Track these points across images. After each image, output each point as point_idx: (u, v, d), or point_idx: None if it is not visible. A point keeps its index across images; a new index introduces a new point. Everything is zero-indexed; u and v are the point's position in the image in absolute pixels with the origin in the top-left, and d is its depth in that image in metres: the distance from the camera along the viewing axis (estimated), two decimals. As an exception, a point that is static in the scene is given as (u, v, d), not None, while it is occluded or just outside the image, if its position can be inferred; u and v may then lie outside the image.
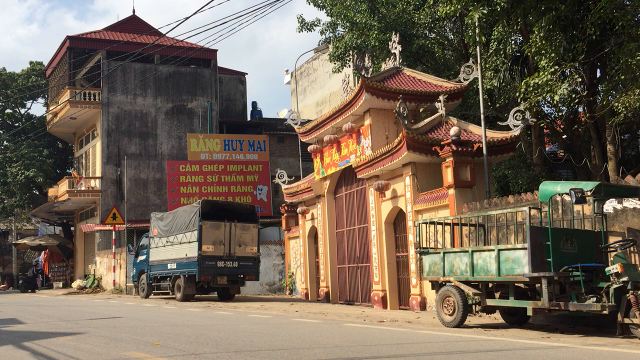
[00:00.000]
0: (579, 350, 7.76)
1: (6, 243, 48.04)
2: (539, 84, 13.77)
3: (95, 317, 13.57)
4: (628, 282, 8.73)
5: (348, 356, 7.38)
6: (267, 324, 11.73)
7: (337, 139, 18.54)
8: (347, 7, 22.09)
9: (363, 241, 17.98)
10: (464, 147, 13.99)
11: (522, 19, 16.50)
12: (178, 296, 20.21)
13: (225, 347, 7.93)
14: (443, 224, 12.39)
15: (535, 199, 11.48)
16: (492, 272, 10.25)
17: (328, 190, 19.96)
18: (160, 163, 32.67)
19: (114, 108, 32.42)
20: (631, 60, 13.03)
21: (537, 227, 9.99)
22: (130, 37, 32.92)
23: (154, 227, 22.38)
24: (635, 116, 17.33)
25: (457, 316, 10.73)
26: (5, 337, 9.73)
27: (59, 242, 37.91)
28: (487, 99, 18.26)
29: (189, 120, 33.64)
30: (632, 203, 10.08)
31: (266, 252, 24.88)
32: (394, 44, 18.12)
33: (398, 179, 15.91)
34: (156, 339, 8.87)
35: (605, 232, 10.22)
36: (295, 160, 33.48)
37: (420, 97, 16.74)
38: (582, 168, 19.20)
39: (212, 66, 34.62)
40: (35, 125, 38.85)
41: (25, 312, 15.62)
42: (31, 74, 39.36)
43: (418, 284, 14.88)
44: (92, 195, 32.06)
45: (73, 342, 8.80)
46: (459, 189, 13.97)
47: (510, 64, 18.88)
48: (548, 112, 21.64)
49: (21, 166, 35.62)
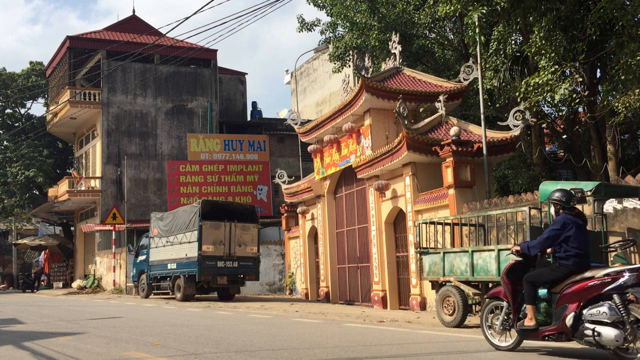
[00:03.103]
0: (579, 350, 7.76)
1: (6, 243, 48.04)
2: (539, 83, 13.77)
3: (95, 317, 13.57)
4: (628, 282, 8.71)
5: (348, 356, 7.38)
6: (267, 324, 11.73)
7: (337, 139, 18.54)
8: (347, 7, 22.09)
9: (363, 241, 17.98)
10: (464, 147, 13.99)
11: (522, 19, 16.49)
12: (178, 296, 20.21)
13: (225, 347, 7.93)
14: (443, 224, 12.39)
15: (535, 199, 11.48)
16: (492, 272, 10.25)
17: (328, 190, 19.96)
18: (160, 163, 32.67)
19: (114, 108, 32.42)
20: (631, 60, 13.03)
21: (537, 227, 9.99)
22: (130, 37, 32.92)
23: (154, 227, 22.38)
24: (635, 116, 17.31)
25: (457, 316, 10.74)
26: (5, 337, 9.73)
27: (59, 242, 37.91)
28: (487, 99, 18.25)
29: (189, 120, 33.64)
30: (632, 203, 10.08)
31: (266, 252, 24.88)
32: (394, 44, 18.12)
33: (398, 179, 15.91)
34: (156, 339, 8.87)
35: (605, 232, 10.22)
36: (295, 160, 33.48)
37: (420, 97, 16.74)
38: (582, 168, 19.19)
39: (212, 66, 34.62)
40: (35, 125, 38.85)
41: (25, 312, 15.61)
42: (31, 74, 39.36)
43: (418, 284, 14.88)
44: (92, 195, 32.06)
45: (73, 342, 8.80)
46: (459, 189, 13.97)
47: (510, 64, 18.88)
48: (548, 112, 21.64)
49: (21, 166, 35.63)
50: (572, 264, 7.10)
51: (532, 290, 7.27)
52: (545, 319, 7.21)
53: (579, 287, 6.87)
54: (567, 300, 6.93)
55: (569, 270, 7.10)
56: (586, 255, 7.24)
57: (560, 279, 7.14)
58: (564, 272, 7.13)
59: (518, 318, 7.43)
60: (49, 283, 36.58)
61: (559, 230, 7.23)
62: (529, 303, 7.24)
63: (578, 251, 7.13)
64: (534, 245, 7.38)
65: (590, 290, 6.77)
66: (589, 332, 6.64)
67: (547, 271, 7.29)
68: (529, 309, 7.22)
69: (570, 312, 6.83)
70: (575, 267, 7.09)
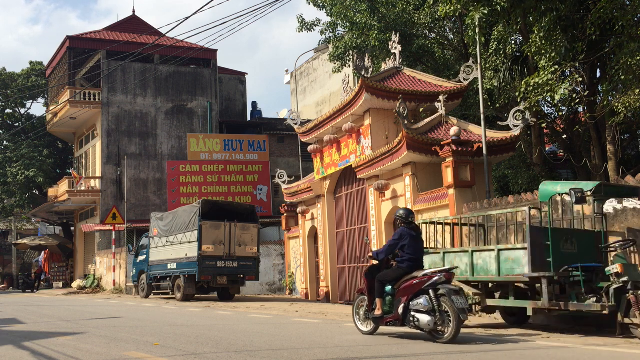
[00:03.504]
0: (579, 350, 7.76)
1: (6, 243, 48.03)
2: (539, 83, 13.76)
3: (95, 317, 13.57)
4: (628, 282, 8.72)
5: (348, 356, 7.38)
6: (267, 324, 11.73)
7: (337, 139, 18.54)
8: (347, 7, 22.09)
9: (363, 241, 17.98)
10: (464, 147, 13.99)
11: (522, 19, 16.48)
12: (178, 296, 20.21)
13: (225, 347, 7.93)
14: (443, 224, 12.38)
15: (535, 199, 11.47)
16: (492, 272, 10.25)
17: (328, 190, 19.96)
18: (160, 163, 32.67)
19: (114, 108, 32.42)
20: (631, 60, 13.02)
21: (537, 227, 9.99)
22: (130, 37, 32.92)
23: (154, 227, 22.38)
24: (635, 116, 17.31)
25: (457, 316, 10.75)
26: (5, 337, 9.73)
27: (59, 242, 37.91)
28: (487, 99, 18.25)
29: (189, 120, 33.65)
30: (632, 203, 10.08)
31: (266, 252, 24.89)
32: (394, 44, 18.12)
33: (398, 179, 15.91)
34: (156, 339, 8.87)
35: (605, 232, 10.21)
36: (295, 160, 33.48)
37: (420, 97, 16.74)
38: (582, 168, 19.19)
39: (212, 66, 34.62)
40: (35, 125, 38.84)
41: (25, 312, 15.61)
42: (31, 74, 39.35)
43: (418, 284, 14.87)
44: (92, 195, 32.06)
45: (73, 342, 8.80)
46: (459, 189, 13.97)
47: (510, 64, 18.88)
48: (548, 112, 21.64)
49: (21, 166, 35.62)
50: (406, 266, 8.96)
51: (381, 287, 9.07)
52: (390, 309, 8.99)
53: (408, 285, 8.76)
54: (401, 294, 8.80)
55: (404, 271, 8.95)
56: (418, 259, 9.11)
57: (399, 278, 8.97)
58: (401, 273, 8.98)
59: (372, 309, 9.16)
60: (49, 283, 36.58)
61: (397, 240, 9.11)
62: (378, 297, 9.07)
63: (411, 256, 8.99)
64: (381, 252, 9.30)
65: (415, 287, 8.66)
66: (412, 318, 8.56)
67: (391, 272, 9.10)
68: (378, 302, 9.04)
69: (401, 304, 8.72)
70: (409, 269, 8.94)
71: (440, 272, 8.59)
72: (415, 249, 9.06)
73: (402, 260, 9.00)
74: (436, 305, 8.33)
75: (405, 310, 8.63)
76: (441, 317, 8.29)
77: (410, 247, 9.01)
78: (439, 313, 8.29)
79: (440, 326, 8.30)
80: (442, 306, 8.31)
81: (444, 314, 8.29)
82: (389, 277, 9.05)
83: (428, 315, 8.37)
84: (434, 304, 8.35)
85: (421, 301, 8.48)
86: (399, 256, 9.06)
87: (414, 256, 9.02)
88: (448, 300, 8.24)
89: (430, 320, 8.32)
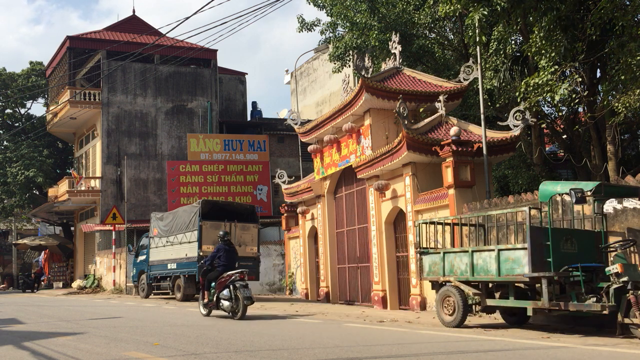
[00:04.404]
0: (579, 350, 7.76)
1: (6, 243, 48.02)
2: (539, 83, 13.76)
3: (95, 317, 13.58)
4: (628, 282, 8.72)
5: (348, 356, 7.38)
6: (267, 324, 11.74)
7: (337, 139, 18.54)
8: (347, 7, 22.09)
9: (363, 241, 17.98)
10: (464, 147, 13.99)
11: (522, 19, 16.48)
12: (178, 296, 20.21)
13: (225, 347, 7.94)
14: (443, 224, 12.38)
15: (535, 199, 11.47)
16: (492, 272, 10.25)
17: (328, 190, 19.96)
18: (160, 163, 32.67)
19: (114, 108, 32.42)
20: (631, 60, 13.02)
21: (537, 227, 9.99)
22: (130, 37, 32.92)
23: (154, 227, 22.38)
24: (635, 116, 17.32)
25: (457, 316, 10.73)
26: (5, 337, 9.73)
27: (59, 242, 37.90)
28: (487, 99, 18.26)
29: (189, 120, 33.64)
30: (632, 203, 10.08)
31: (266, 252, 24.88)
32: (394, 44, 18.11)
33: (398, 179, 15.91)
34: (156, 339, 8.87)
35: (605, 232, 10.22)
36: (295, 160, 33.48)
37: (420, 97, 16.74)
38: (582, 168, 19.19)
39: (212, 66, 34.61)
40: (35, 125, 38.84)
41: (25, 312, 15.62)
42: (31, 74, 39.35)
43: (418, 284, 14.88)
44: (92, 195, 32.06)
45: (73, 342, 8.80)
46: (459, 189, 13.97)
47: (510, 64, 18.88)
48: (548, 112, 21.65)
49: (21, 166, 35.62)
50: (222, 269, 13.10)
51: (208, 284, 13.21)
52: (213, 298, 12.93)
53: (221, 281, 12.82)
54: (218, 288, 12.84)
55: (219, 273, 13.06)
56: (229, 265, 13.19)
57: (218, 277, 13.00)
58: (218, 274, 13.07)
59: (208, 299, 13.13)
60: (49, 283, 36.57)
61: (216, 252, 13.39)
62: (207, 290, 13.22)
63: (224, 263, 13.18)
64: (207, 259, 13.52)
65: (222, 283, 12.76)
66: (220, 304, 12.72)
67: (213, 273, 13.20)
68: (206, 294, 13.21)
69: (216, 294, 12.81)
70: (223, 271, 13.05)
71: (236, 273, 12.65)
72: (227, 258, 13.21)
73: (219, 265, 13.16)
74: (233, 295, 12.40)
75: (218, 298, 12.75)
76: (236, 302, 12.36)
77: (223, 257, 13.20)
78: (234, 299, 12.38)
79: (236, 309, 12.34)
80: (237, 295, 12.32)
81: (238, 299, 12.32)
82: (212, 277, 13.17)
83: (228, 302, 12.51)
84: (232, 294, 12.43)
85: (225, 292, 12.60)
86: (217, 263, 13.20)
87: (226, 263, 13.16)
88: (240, 291, 12.24)
89: (229, 305, 12.48)
